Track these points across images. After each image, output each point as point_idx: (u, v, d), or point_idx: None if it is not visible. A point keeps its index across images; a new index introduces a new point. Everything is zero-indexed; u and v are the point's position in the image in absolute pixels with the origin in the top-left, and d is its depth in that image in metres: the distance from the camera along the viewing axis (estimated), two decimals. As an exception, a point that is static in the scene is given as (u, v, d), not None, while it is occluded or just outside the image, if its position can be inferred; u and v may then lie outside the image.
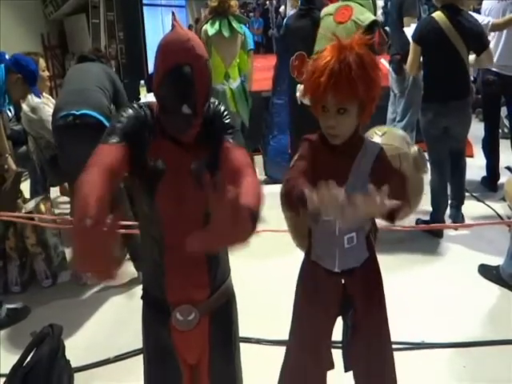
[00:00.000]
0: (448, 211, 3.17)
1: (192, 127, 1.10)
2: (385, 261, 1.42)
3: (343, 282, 1.31)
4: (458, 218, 3.17)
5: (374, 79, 1.16)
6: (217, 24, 3.27)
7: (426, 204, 3.12)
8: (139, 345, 2.17)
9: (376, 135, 1.45)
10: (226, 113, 1.19)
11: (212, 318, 1.23)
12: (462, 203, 3.21)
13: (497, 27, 3.39)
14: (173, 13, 1.20)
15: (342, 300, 1.32)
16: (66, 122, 2.54)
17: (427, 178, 3.13)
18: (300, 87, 3.07)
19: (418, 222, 3.20)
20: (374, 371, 1.38)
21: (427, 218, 3.15)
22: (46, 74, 3.19)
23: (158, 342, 1.27)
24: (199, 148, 1.14)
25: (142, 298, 1.31)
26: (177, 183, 1.13)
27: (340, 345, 1.41)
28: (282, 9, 9.87)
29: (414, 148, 1.46)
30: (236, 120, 1.19)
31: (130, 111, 1.13)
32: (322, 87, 1.13)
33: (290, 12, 8.38)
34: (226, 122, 1.17)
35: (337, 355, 1.42)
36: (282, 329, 1.52)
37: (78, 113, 2.54)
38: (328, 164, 1.20)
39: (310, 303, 1.36)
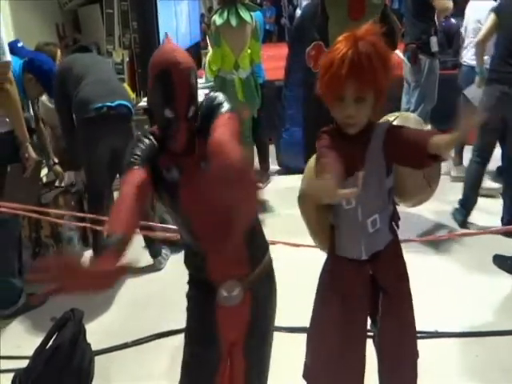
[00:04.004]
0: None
1: (178, 132, 1.17)
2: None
3: (370, 269, 1.32)
4: None
5: (389, 67, 1.19)
6: (225, 13, 3.26)
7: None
8: (156, 330, 2.26)
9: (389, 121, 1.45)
10: (215, 97, 1.23)
11: (253, 293, 1.29)
12: None
13: (481, 43, 3.13)
14: (166, 33, 1.31)
15: (371, 288, 1.33)
16: (99, 114, 2.54)
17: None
18: None
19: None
20: (403, 350, 1.38)
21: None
22: (63, 64, 3.22)
23: (202, 322, 1.31)
24: (204, 145, 1.18)
25: (188, 282, 1.36)
26: (195, 183, 1.19)
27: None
28: (294, -3, 9.78)
29: (428, 127, 1.46)
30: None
31: (139, 142, 1.25)
32: (342, 78, 1.15)
33: (303, 0, 8.30)
34: (216, 104, 1.21)
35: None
36: (295, 317, 1.54)
37: (113, 104, 2.55)
38: (345, 153, 1.22)
39: (340, 299, 1.35)
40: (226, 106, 1.20)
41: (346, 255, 1.33)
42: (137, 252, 3.03)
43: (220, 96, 1.23)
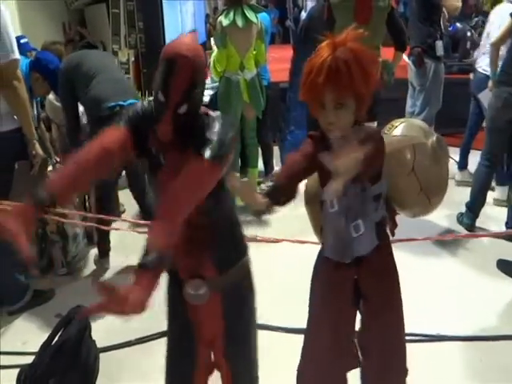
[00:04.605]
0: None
1: (164, 119, 1.17)
2: (402, 253, 1.44)
3: (355, 274, 1.32)
4: None
5: (370, 72, 1.17)
6: (231, 14, 3.28)
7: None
8: (159, 329, 2.27)
9: (393, 127, 1.43)
10: (212, 126, 1.18)
11: (224, 295, 1.28)
12: None
13: (496, 45, 3.17)
14: (195, 29, 1.31)
15: (354, 292, 1.34)
16: (112, 113, 2.53)
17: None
18: None
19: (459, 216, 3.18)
20: (385, 360, 1.37)
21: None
22: (70, 62, 3.24)
23: (177, 316, 1.33)
24: (190, 153, 1.18)
25: (167, 273, 1.37)
26: (172, 176, 1.19)
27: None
28: (299, -1, 9.79)
29: (433, 138, 1.37)
30: (229, 128, 1.19)
31: (139, 105, 1.28)
32: (320, 85, 1.14)
33: (308, 3, 8.32)
34: (207, 139, 1.16)
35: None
36: (294, 317, 1.54)
37: (125, 103, 2.56)
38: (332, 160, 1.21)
39: (325, 299, 1.38)
40: (211, 151, 1.12)
41: (331, 257, 1.35)
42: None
43: (215, 128, 1.16)
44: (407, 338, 2.09)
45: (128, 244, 3.16)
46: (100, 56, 2.89)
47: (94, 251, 2.99)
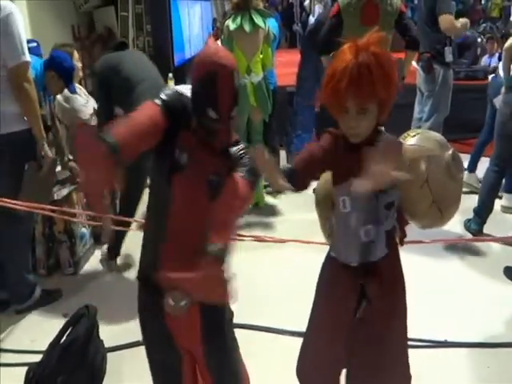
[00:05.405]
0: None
1: (218, 132, 1.20)
2: (410, 259, 1.44)
3: (362, 279, 1.32)
4: None
5: (392, 77, 1.17)
6: (238, 19, 3.31)
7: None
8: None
9: (409, 136, 1.41)
10: (238, 156, 1.27)
11: (203, 307, 1.27)
12: None
13: (509, 50, 3.16)
14: (209, 33, 1.37)
15: (359, 295, 1.33)
16: None
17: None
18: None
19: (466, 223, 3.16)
20: (372, 366, 1.36)
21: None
22: (79, 64, 3.27)
23: (155, 325, 1.32)
24: (221, 162, 1.23)
25: (137, 278, 1.37)
26: (193, 182, 1.21)
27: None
28: (306, 3, 9.82)
29: (449, 152, 1.36)
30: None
31: (178, 91, 1.27)
32: (343, 91, 1.14)
33: (316, 7, 8.35)
34: (246, 160, 1.26)
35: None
36: (295, 318, 1.55)
37: None
38: (349, 160, 1.23)
39: (329, 299, 1.39)
40: (253, 179, 1.23)
41: (339, 258, 1.35)
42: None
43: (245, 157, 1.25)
44: (414, 343, 2.10)
45: (135, 245, 3.17)
46: (141, 61, 2.82)
47: (100, 252, 3.01)
